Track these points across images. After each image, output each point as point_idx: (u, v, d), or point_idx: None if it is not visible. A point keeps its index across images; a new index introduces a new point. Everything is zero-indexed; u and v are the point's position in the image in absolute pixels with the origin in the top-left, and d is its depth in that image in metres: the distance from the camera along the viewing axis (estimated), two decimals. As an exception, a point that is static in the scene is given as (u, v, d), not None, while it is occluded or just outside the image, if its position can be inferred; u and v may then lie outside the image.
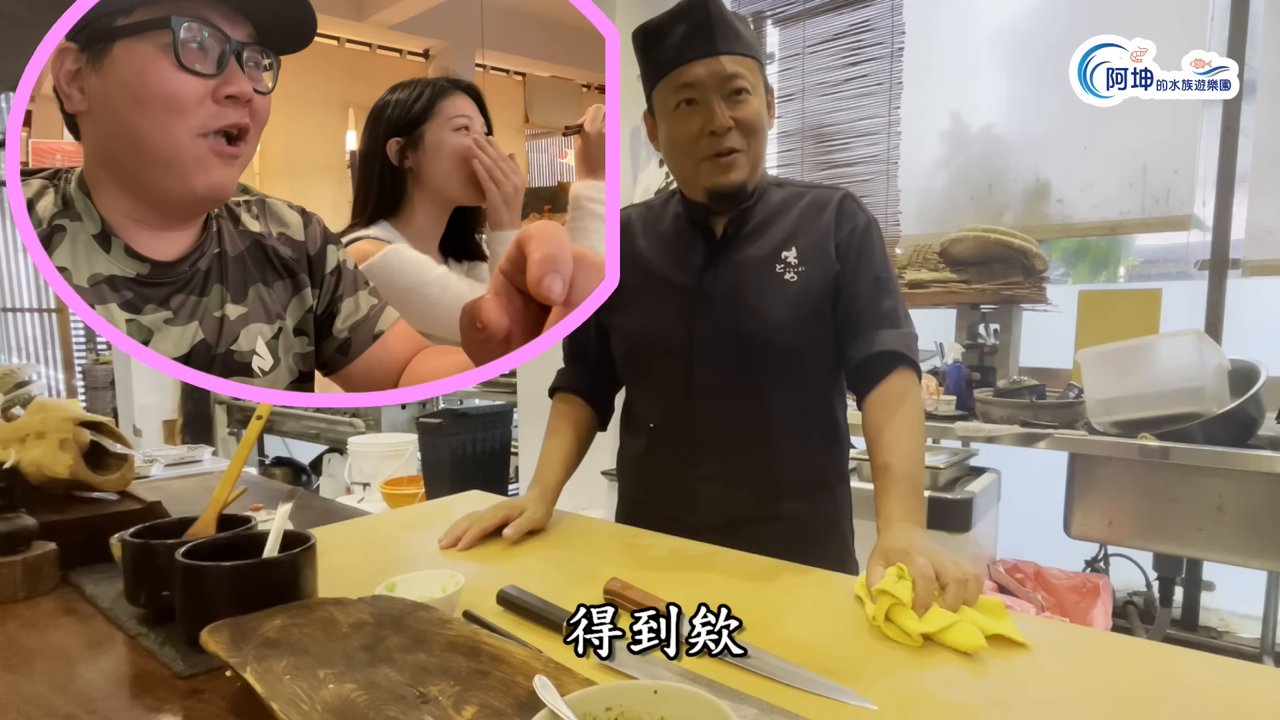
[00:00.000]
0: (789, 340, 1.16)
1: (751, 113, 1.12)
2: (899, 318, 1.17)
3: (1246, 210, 2.51)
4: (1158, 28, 2.33)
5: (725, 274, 1.18)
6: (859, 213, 1.19)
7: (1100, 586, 2.35)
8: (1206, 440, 2.02)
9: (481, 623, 0.79)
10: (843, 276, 1.16)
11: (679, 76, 1.11)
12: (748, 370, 1.16)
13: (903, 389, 1.13)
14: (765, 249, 1.18)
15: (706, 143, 1.11)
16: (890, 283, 1.19)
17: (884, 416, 1.11)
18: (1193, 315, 2.54)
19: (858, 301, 1.16)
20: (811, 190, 1.23)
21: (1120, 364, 2.21)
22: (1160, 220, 2.66)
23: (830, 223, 1.18)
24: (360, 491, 3.35)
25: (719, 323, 1.17)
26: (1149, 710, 0.67)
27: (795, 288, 1.16)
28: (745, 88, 1.11)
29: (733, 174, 1.13)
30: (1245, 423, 2.04)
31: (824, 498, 1.24)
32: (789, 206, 1.21)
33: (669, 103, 1.14)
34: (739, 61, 1.11)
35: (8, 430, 1.14)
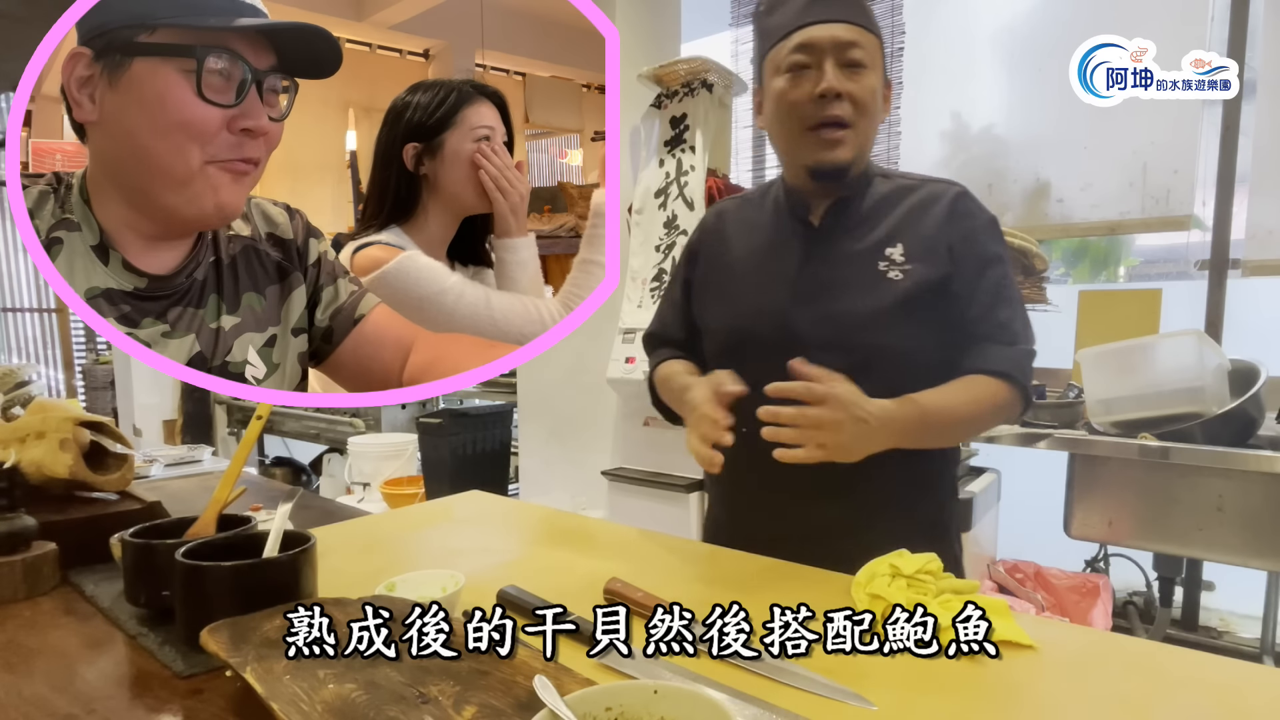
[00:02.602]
0: (888, 342, 1.07)
1: (866, 88, 1.05)
2: (1014, 331, 1.09)
3: (1246, 210, 2.51)
4: (1158, 28, 2.33)
5: (823, 269, 1.11)
6: (978, 211, 1.11)
7: (1100, 586, 2.35)
8: (1206, 440, 2.01)
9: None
10: (956, 279, 1.07)
11: (793, 39, 1.05)
12: (844, 372, 1.04)
13: (993, 396, 1.05)
14: (868, 243, 1.10)
15: (812, 108, 1.04)
16: (1009, 289, 1.10)
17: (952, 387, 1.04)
18: (1193, 315, 2.54)
19: (971, 309, 1.08)
20: (925, 184, 1.14)
21: (1120, 364, 2.20)
22: (1160, 220, 2.65)
23: (942, 219, 1.09)
24: (360, 491, 3.36)
25: (816, 322, 1.09)
26: (1149, 710, 0.67)
27: (899, 287, 1.07)
28: (863, 60, 1.04)
29: (837, 151, 1.05)
30: (1245, 423, 2.04)
31: (927, 510, 1.15)
32: (897, 200, 1.12)
33: (780, 65, 1.07)
34: (860, 33, 1.04)
35: (8, 430, 1.14)
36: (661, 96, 2.62)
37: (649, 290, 2.58)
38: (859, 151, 1.08)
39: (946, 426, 1.05)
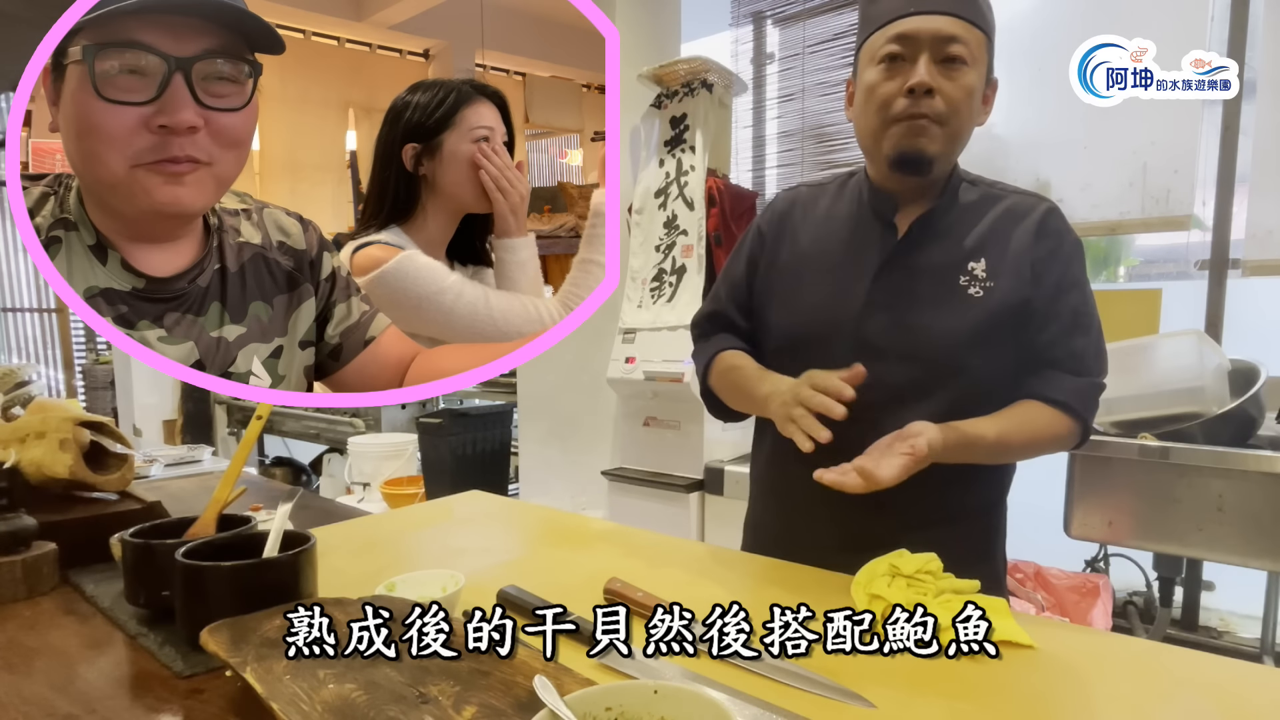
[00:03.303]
0: (964, 361, 1.03)
1: (962, 86, 1.00)
2: (1087, 362, 1.05)
3: (1246, 210, 2.51)
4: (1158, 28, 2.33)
5: (902, 278, 1.06)
6: (1065, 231, 1.07)
7: (1100, 586, 2.35)
8: (1206, 440, 2.01)
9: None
10: (1035, 301, 1.03)
11: (892, 29, 1.00)
12: (914, 387, 1.03)
13: (1050, 425, 1.03)
14: (951, 256, 1.05)
15: (902, 103, 1.00)
16: (1088, 317, 1.06)
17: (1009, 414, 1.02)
18: (1193, 315, 2.54)
19: (1045, 333, 1.04)
20: (1010, 195, 1.10)
21: (1120, 364, 2.20)
22: (1160, 220, 2.65)
23: (1029, 237, 1.05)
24: (360, 491, 3.36)
25: (887, 332, 1.05)
26: (1149, 710, 0.67)
27: (979, 305, 1.03)
28: (963, 56, 0.99)
29: (922, 139, 1.00)
30: (1245, 423, 2.04)
31: (974, 524, 1.12)
32: (982, 210, 1.08)
33: (875, 55, 1.02)
34: (965, 28, 0.99)
35: (8, 430, 1.14)
36: (661, 96, 2.63)
37: (649, 290, 2.58)
38: (946, 149, 1.03)
39: (995, 453, 1.03)
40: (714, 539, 2.44)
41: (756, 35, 3.55)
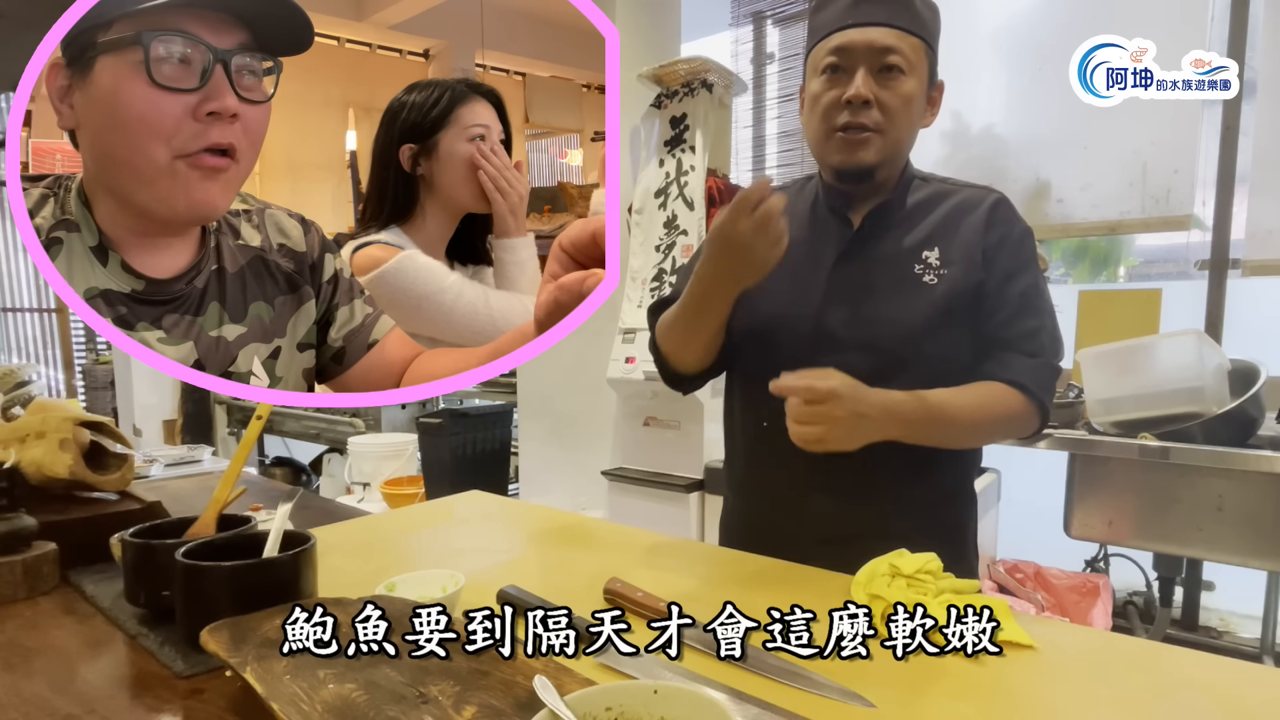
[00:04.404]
0: (922, 347, 1.06)
1: (899, 94, 1.03)
2: (1040, 342, 1.08)
3: (1246, 210, 2.51)
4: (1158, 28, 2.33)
5: (858, 270, 1.10)
6: (1015, 220, 1.11)
7: (1100, 586, 2.35)
8: (1206, 440, 2.01)
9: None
10: (987, 285, 1.07)
11: (831, 41, 1.04)
12: (875, 375, 1.03)
13: (1005, 405, 1.04)
14: (905, 246, 1.09)
15: (840, 114, 1.04)
16: (1038, 299, 1.09)
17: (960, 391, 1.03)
18: (1193, 315, 2.54)
19: (998, 315, 1.08)
20: (963, 189, 1.14)
21: (1120, 364, 2.20)
22: (1160, 220, 2.65)
23: (980, 226, 1.09)
24: (360, 491, 3.36)
25: (847, 321, 1.09)
26: (1149, 710, 0.67)
27: (934, 291, 1.07)
28: (899, 65, 1.03)
29: (860, 153, 1.05)
30: (1245, 423, 2.04)
31: (945, 515, 1.16)
32: (935, 203, 1.12)
33: (817, 66, 1.07)
34: (901, 37, 1.03)
35: (8, 430, 1.14)
36: (661, 96, 2.63)
37: (649, 290, 2.58)
38: (886, 156, 1.07)
39: (954, 427, 1.04)
40: (714, 539, 2.44)
41: (756, 35, 3.56)
